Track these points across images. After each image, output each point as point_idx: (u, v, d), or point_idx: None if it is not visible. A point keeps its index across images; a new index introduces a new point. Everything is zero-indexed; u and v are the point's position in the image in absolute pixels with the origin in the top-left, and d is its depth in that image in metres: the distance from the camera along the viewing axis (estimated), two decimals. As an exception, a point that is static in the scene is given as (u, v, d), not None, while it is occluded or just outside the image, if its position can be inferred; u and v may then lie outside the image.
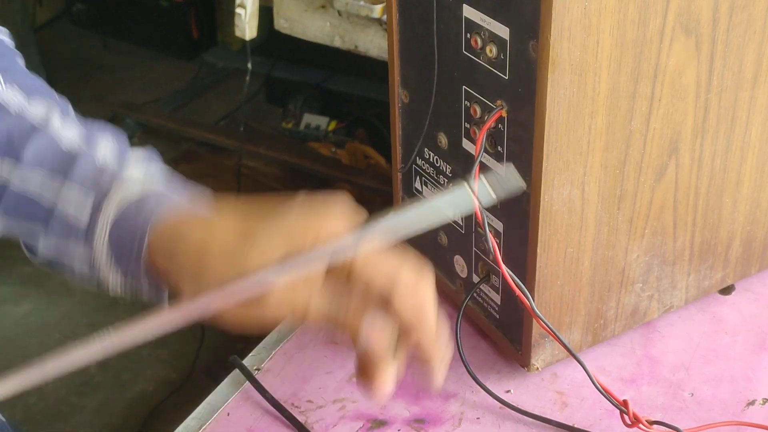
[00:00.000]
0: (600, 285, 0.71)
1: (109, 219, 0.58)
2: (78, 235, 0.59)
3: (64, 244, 0.61)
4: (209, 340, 2.09)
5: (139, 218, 0.57)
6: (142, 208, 0.57)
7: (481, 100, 0.66)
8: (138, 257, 0.57)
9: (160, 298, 0.59)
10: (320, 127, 2.46)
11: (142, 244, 0.56)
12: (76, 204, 0.60)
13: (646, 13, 0.60)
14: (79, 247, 0.60)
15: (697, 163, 0.70)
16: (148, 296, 0.60)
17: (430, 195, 0.77)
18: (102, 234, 0.59)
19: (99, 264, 0.60)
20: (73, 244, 0.60)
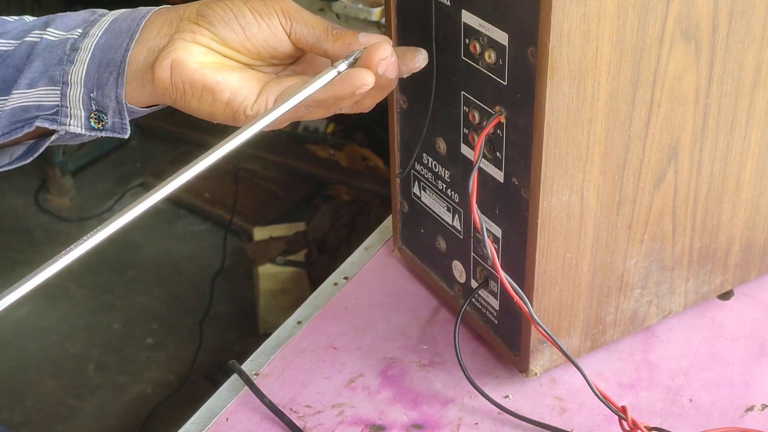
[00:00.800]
0: (599, 290, 0.70)
1: (106, 23, 0.62)
2: (61, 58, 0.61)
3: (39, 77, 0.62)
4: (207, 343, 2.09)
5: (138, 11, 0.62)
6: (133, 13, 0.63)
7: (479, 106, 0.66)
8: (131, 37, 0.60)
9: (122, 123, 0.62)
10: (318, 129, 2.46)
11: (142, 18, 0.61)
12: (65, 31, 0.63)
13: (645, 18, 0.60)
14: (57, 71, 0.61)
15: (696, 169, 0.69)
16: (111, 120, 0.62)
17: (429, 200, 0.77)
18: (93, 38, 0.61)
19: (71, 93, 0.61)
20: (51, 68, 0.61)
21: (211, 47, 0.60)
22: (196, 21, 0.60)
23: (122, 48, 0.61)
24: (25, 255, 2.34)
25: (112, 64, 0.60)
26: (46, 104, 0.62)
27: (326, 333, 0.78)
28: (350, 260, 0.86)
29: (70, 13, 0.64)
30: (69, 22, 0.63)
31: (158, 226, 2.44)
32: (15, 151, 0.66)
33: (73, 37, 0.62)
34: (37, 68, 0.62)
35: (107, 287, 2.27)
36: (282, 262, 2.05)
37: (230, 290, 2.23)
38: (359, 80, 0.58)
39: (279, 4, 0.61)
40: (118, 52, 0.61)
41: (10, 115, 0.63)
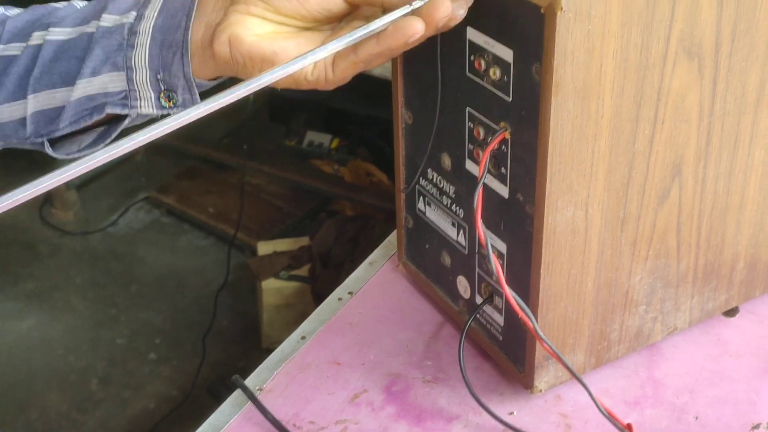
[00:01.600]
0: (603, 307, 0.71)
1: (157, 5, 0.63)
2: (121, 44, 0.63)
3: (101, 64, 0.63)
4: (210, 357, 2.09)
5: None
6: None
7: (484, 122, 0.67)
8: (189, 13, 0.61)
9: (192, 99, 0.64)
10: (323, 144, 2.46)
11: (192, 8, 0.61)
12: (119, 16, 0.64)
13: (648, 37, 0.61)
14: (118, 56, 0.63)
15: (700, 186, 0.70)
16: (181, 97, 0.63)
17: (433, 216, 0.77)
18: (150, 20, 0.63)
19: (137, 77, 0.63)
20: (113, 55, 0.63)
21: (266, 17, 0.60)
22: None
23: (181, 27, 0.61)
24: (29, 269, 2.34)
25: (175, 45, 0.61)
26: (113, 90, 0.63)
27: (330, 348, 0.78)
28: (355, 275, 0.86)
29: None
30: (121, 5, 0.64)
31: (162, 240, 2.44)
32: (84, 139, 0.67)
33: (129, 21, 0.63)
34: (98, 56, 0.63)
35: (111, 301, 2.27)
36: (286, 276, 2.05)
37: (234, 305, 2.23)
38: (410, 29, 0.57)
39: None
40: (178, 32, 0.61)
41: (76, 105, 0.64)
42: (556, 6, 0.56)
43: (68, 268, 2.37)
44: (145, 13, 0.63)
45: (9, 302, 2.26)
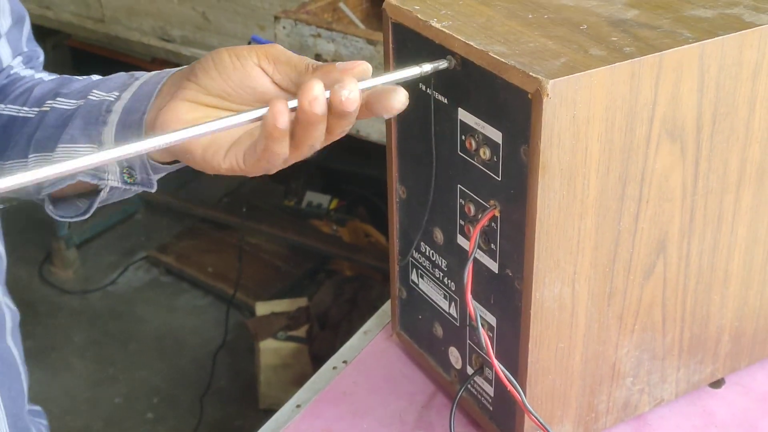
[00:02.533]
0: (591, 379, 0.72)
1: (136, 86, 0.68)
2: (97, 117, 0.67)
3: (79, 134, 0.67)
4: (208, 417, 2.09)
5: (163, 73, 0.67)
6: (157, 76, 0.67)
7: (475, 199, 0.69)
8: (149, 101, 0.64)
9: (149, 179, 0.67)
10: (322, 205, 2.49)
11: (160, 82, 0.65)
12: (105, 93, 0.69)
13: (632, 120, 0.63)
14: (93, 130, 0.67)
15: (684, 262, 0.72)
16: (139, 176, 0.67)
17: (426, 288, 0.79)
18: (123, 102, 0.67)
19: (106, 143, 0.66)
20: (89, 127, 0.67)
21: (198, 100, 0.61)
22: (188, 77, 0.62)
23: (140, 111, 0.65)
24: (28, 327, 2.35)
25: (134, 126, 0.65)
26: None
27: (324, 418, 0.79)
28: (349, 344, 0.88)
29: (113, 76, 0.71)
30: (111, 84, 0.69)
31: (161, 299, 2.45)
32: (79, 207, 0.72)
33: (109, 100, 0.68)
34: (77, 126, 0.68)
35: (109, 360, 2.27)
36: (283, 337, 2.06)
37: (232, 364, 2.24)
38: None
39: (262, 49, 0.61)
40: (137, 115, 0.65)
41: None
42: (543, 92, 0.59)
43: (67, 327, 2.38)
44: (122, 95, 0.67)
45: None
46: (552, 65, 0.61)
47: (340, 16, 1.69)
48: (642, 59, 0.62)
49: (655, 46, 0.63)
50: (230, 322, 2.27)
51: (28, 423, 0.79)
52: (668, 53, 0.63)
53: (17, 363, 0.77)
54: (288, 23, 1.58)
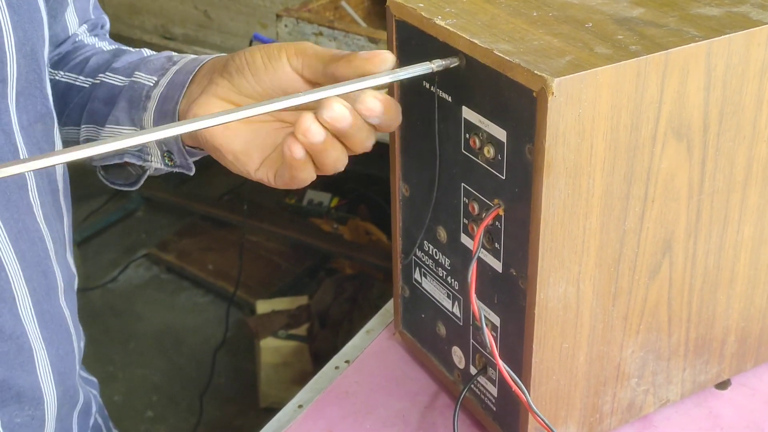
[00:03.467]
0: (595, 380, 0.71)
1: (171, 73, 0.70)
2: (138, 102, 0.70)
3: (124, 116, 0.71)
4: (207, 415, 2.08)
5: (196, 61, 0.69)
6: (202, 57, 0.70)
7: (479, 198, 0.68)
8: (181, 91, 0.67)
9: (187, 163, 0.70)
10: (323, 203, 2.48)
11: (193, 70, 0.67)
12: (146, 76, 0.71)
13: (638, 119, 0.63)
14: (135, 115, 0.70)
15: (690, 262, 0.71)
16: (178, 160, 0.70)
17: (429, 287, 0.78)
18: (160, 89, 0.69)
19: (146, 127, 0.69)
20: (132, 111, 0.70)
21: (229, 98, 0.63)
22: (221, 73, 0.63)
23: (174, 100, 0.67)
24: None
25: (168, 114, 0.68)
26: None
27: (326, 418, 0.78)
28: (352, 343, 0.87)
29: (155, 56, 0.74)
30: (151, 66, 0.72)
31: (162, 297, 2.45)
32: (129, 176, 0.77)
33: (149, 85, 0.70)
34: (122, 108, 0.71)
35: (109, 358, 2.27)
36: (284, 336, 2.06)
37: (232, 363, 2.23)
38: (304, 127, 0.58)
39: (292, 46, 0.62)
40: (171, 104, 0.68)
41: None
42: (548, 90, 0.58)
43: (67, 324, 2.37)
44: (159, 81, 0.70)
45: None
46: (557, 63, 0.60)
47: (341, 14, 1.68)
48: (648, 57, 0.61)
49: (662, 44, 0.62)
50: (231, 320, 2.27)
51: (77, 384, 0.79)
52: (674, 51, 0.62)
53: (68, 324, 0.77)
54: (290, 21, 1.57)
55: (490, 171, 0.66)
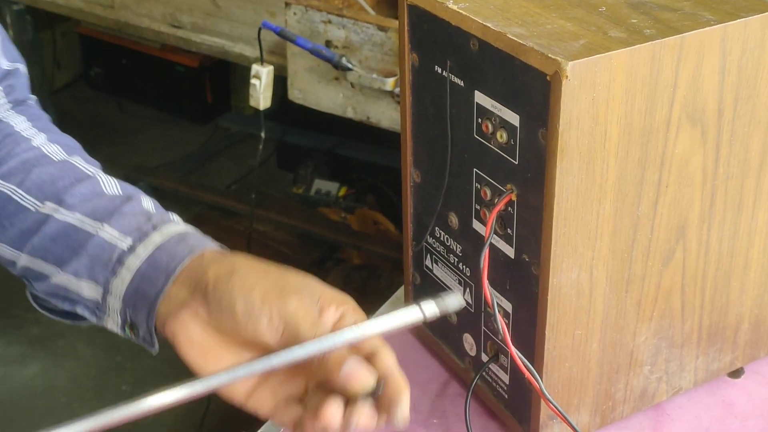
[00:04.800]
0: (608, 367, 0.71)
1: (152, 245, 0.64)
2: (107, 263, 0.64)
3: (85, 271, 0.65)
4: (215, 406, 2.08)
5: (181, 245, 0.63)
6: (186, 240, 0.64)
7: (491, 183, 0.68)
8: (165, 283, 0.62)
9: (152, 340, 0.64)
10: (330, 192, 2.48)
11: (177, 266, 0.62)
12: (118, 234, 0.65)
13: (652, 103, 0.62)
14: (100, 275, 0.64)
15: (704, 248, 0.70)
16: (142, 335, 0.65)
17: (440, 273, 0.78)
18: (138, 260, 0.63)
19: (110, 300, 0.64)
20: (97, 270, 0.64)
21: (210, 326, 0.60)
22: (205, 293, 0.60)
23: (157, 287, 0.62)
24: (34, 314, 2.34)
25: (146, 298, 0.62)
26: (88, 297, 0.65)
27: (337, 404, 0.78)
28: (361, 331, 0.87)
29: (131, 209, 0.66)
30: (125, 223, 0.65)
31: (170, 287, 2.45)
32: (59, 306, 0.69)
33: (122, 249, 0.64)
34: (83, 263, 0.65)
35: (117, 348, 2.27)
36: (293, 325, 2.05)
37: (240, 352, 2.23)
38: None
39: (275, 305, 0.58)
40: (153, 290, 0.62)
41: (54, 286, 0.66)
42: (562, 74, 0.58)
43: (75, 314, 2.38)
44: (137, 249, 0.64)
45: (13, 347, 2.26)
46: (571, 47, 0.59)
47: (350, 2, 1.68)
48: (663, 41, 0.61)
49: (676, 28, 0.62)
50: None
51: None
52: (689, 35, 0.62)
53: None
54: (299, 9, 1.56)
55: (502, 156, 0.66)
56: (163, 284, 0.62)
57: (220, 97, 2.80)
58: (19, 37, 2.38)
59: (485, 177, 0.68)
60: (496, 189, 0.67)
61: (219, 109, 2.83)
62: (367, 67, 1.52)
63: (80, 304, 0.65)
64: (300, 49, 1.55)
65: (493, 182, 0.67)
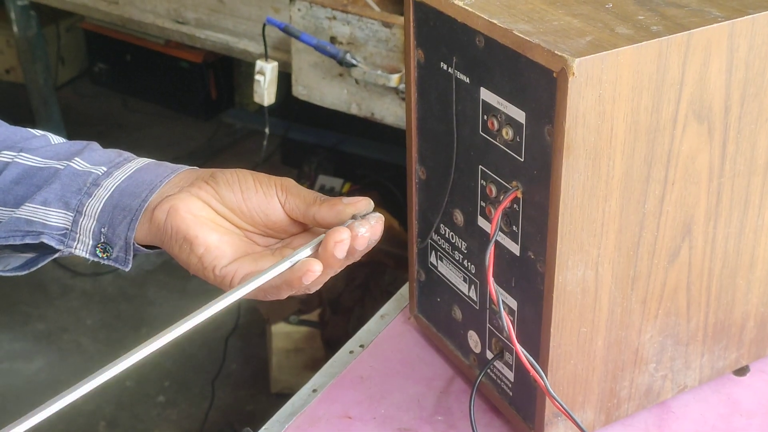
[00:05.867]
0: (613, 364, 0.71)
1: (130, 169, 0.68)
2: (80, 188, 0.67)
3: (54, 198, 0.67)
4: (219, 401, 2.09)
5: (162, 168, 0.68)
6: (165, 164, 0.69)
7: (497, 180, 0.68)
8: (149, 195, 0.66)
9: (126, 258, 0.67)
10: (334, 188, 2.48)
11: (162, 180, 0.67)
12: (90, 165, 0.68)
13: (659, 100, 0.62)
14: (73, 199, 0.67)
15: (710, 246, 0.70)
16: (116, 253, 0.67)
17: (445, 270, 0.78)
18: (115, 180, 0.67)
19: (83, 222, 0.67)
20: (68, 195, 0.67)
21: (210, 204, 0.65)
22: (207, 180, 0.66)
23: (140, 198, 0.66)
24: (40, 309, 2.35)
25: (128, 209, 0.66)
26: (54, 224, 0.67)
27: (341, 402, 0.78)
28: (366, 328, 0.87)
29: (98, 149, 0.70)
30: (96, 157, 0.69)
31: (173, 282, 2.45)
32: (10, 261, 0.71)
33: (96, 173, 0.67)
34: (54, 190, 0.67)
35: (121, 343, 2.27)
36: (295, 321, 2.06)
37: (243, 348, 2.23)
38: (304, 269, 0.61)
39: (279, 180, 0.66)
40: (136, 201, 0.66)
41: (12, 223, 0.67)
42: (569, 71, 0.57)
43: (79, 309, 2.38)
44: (114, 173, 0.67)
45: (18, 342, 2.26)
46: (578, 44, 0.59)
47: (355, -2, 1.67)
48: (670, 38, 0.60)
49: (683, 24, 0.62)
50: (242, 305, 2.27)
51: None
52: (697, 32, 0.61)
53: None
54: (303, 5, 1.56)
55: (508, 153, 0.65)
56: (147, 195, 0.66)
57: (224, 93, 2.80)
58: (24, 33, 2.38)
59: (491, 174, 0.68)
60: (501, 186, 0.67)
61: (223, 105, 2.83)
62: (371, 64, 1.52)
63: (46, 235, 0.66)
64: (304, 45, 1.55)
65: (499, 179, 0.67)
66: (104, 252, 0.67)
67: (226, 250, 0.64)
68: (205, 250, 0.63)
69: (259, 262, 0.64)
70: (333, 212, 0.63)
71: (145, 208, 0.65)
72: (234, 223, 0.66)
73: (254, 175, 0.66)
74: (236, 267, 0.64)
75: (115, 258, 0.67)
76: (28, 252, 0.71)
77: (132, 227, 0.65)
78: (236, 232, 0.66)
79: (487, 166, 0.68)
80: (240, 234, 0.66)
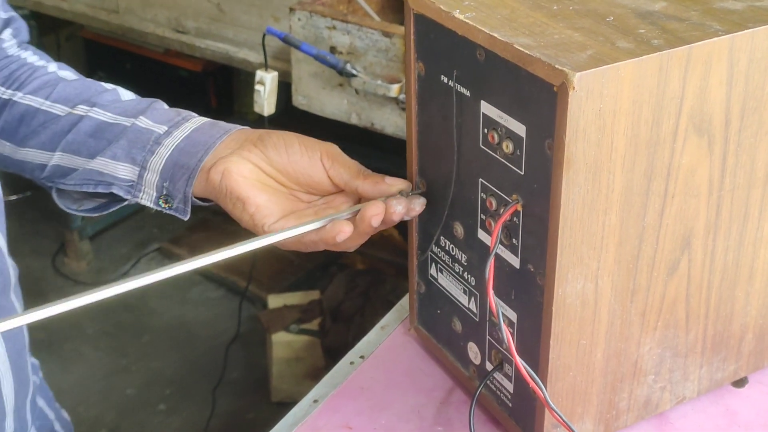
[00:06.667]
0: (612, 376, 0.71)
1: (188, 129, 0.76)
2: (144, 145, 0.75)
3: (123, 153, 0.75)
4: (220, 409, 2.09)
5: (216, 128, 0.76)
6: (219, 124, 0.77)
7: (497, 194, 0.68)
8: (204, 155, 0.73)
9: (185, 208, 0.75)
10: (335, 197, 2.48)
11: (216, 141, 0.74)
12: (153, 124, 0.76)
13: (659, 114, 0.62)
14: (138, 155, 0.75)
15: (709, 258, 0.71)
16: (176, 204, 0.75)
17: (445, 282, 0.78)
18: (175, 140, 0.75)
19: (147, 176, 0.75)
20: (134, 151, 0.75)
21: (260, 166, 0.73)
22: (255, 143, 0.73)
23: (197, 157, 0.74)
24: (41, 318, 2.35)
25: (186, 167, 0.74)
26: (123, 177, 0.76)
27: (342, 412, 0.78)
28: (366, 339, 0.87)
29: (160, 107, 0.79)
30: (158, 116, 0.77)
31: (174, 291, 2.45)
32: (84, 203, 0.80)
33: (158, 132, 0.76)
34: (122, 146, 0.76)
35: (122, 351, 2.27)
36: (296, 330, 2.06)
37: (244, 357, 2.23)
38: (337, 229, 0.69)
39: (325, 146, 0.74)
40: (193, 160, 0.74)
41: (87, 173, 0.77)
42: (569, 85, 0.58)
43: (80, 318, 2.38)
44: (174, 133, 0.76)
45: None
46: (578, 57, 0.60)
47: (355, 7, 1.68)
48: (670, 52, 0.61)
49: (684, 38, 0.62)
50: (243, 314, 2.27)
51: (29, 375, 0.84)
52: (697, 46, 0.62)
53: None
54: (303, 15, 1.57)
55: (508, 166, 0.66)
56: (203, 156, 0.73)
57: (223, 102, 2.80)
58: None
59: (491, 187, 0.68)
60: (501, 199, 0.68)
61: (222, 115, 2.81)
62: (371, 73, 1.52)
63: (116, 186, 0.75)
64: (304, 55, 1.56)
65: (499, 192, 0.68)
66: (166, 203, 0.75)
67: (274, 209, 0.72)
68: (255, 209, 0.71)
69: (301, 220, 0.71)
70: (376, 189, 0.72)
71: (201, 168, 0.73)
72: (280, 182, 0.73)
73: (300, 139, 0.74)
74: (282, 225, 0.71)
75: (175, 209, 0.75)
76: (100, 198, 0.79)
77: (190, 183, 0.73)
78: (282, 190, 0.73)
79: (488, 179, 0.68)
80: (286, 192, 0.73)
